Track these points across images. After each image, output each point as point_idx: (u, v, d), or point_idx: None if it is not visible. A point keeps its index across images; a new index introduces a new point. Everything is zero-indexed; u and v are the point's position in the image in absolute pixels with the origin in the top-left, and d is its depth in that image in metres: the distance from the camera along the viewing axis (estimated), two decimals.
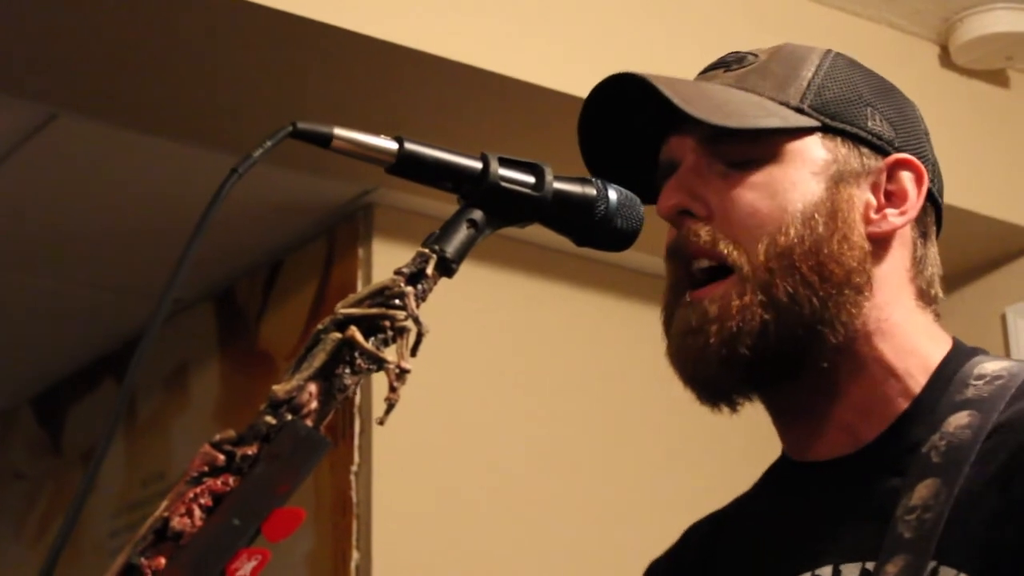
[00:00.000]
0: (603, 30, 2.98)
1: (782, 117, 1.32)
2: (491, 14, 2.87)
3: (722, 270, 1.30)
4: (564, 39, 2.93)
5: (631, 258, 3.67)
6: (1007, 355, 3.52)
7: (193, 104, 2.94)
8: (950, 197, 3.62)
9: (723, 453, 3.61)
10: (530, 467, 3.40)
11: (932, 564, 1.18)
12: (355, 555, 3.19)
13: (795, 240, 1.28)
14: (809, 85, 1.34)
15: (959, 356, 1.33)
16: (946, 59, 3.50)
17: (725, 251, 1.29)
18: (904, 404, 1.30)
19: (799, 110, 1.33)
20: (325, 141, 1.11)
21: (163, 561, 0.97)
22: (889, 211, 1.34)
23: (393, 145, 1.14)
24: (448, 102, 2.93)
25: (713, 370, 1.28)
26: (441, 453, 3.30)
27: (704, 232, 1.30)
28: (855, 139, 1.34)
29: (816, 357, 1.29)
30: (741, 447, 3.61)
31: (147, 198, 3.41)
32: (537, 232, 1.26)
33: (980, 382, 1.27)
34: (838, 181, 1.32)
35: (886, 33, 3.43)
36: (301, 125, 1.09)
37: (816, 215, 1.29)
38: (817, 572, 1.28)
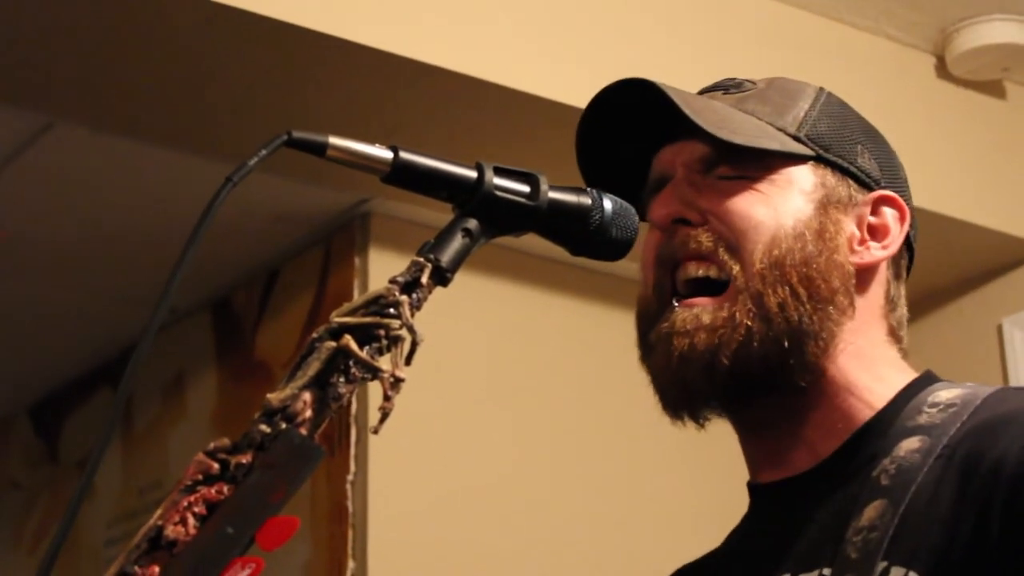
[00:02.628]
0: (599, 40, 2.98)
1: (781, 142, 1.35)
2: (487, 24, 2.87)
3: (711, 284, 1.33)
4: (559, 49, 2.93)
5: (626, 268, 3.67)
6: (1003, 366, 3.52)
7: (189, 113, 2.94)
8: (947, 207, 3.64)
9: (718, 460, 3.60)
10: (526, 476, 3.40)
11: (883, 565, 1.20)
12: (351, 564, 3.19)
13: (787, 252, 1.31)
14: (806, 116, 1.38)
15: (922, 383, 1.35)
16: (943, 70, 3.50)
17: (723, 257, 1.31)
18: (861, 422, 1.33)
19: (796, 138, 1.36)
20: (320, 150, 1.10)
21: (157, 570, 0.97)
22: (872, 244, 1.37)
23: (388, 154, 1.14)
24: (443, 111, 2.93)
25: (694, 373, 1.30)
26: (436, 462, 3.30)
27: (704, 238, 1.33)
28: (844, 172, 1.38)
29: (796, 372, 1.31)
30: (736, 454, 3.60)
31: (143, 207, 3.41)
32: (532, 241, 1.26)
33: (933, 409, 1.30)
34: (826, 206, 1.35)
35: (883, 44, 3.43)
36: (296, 134, 1.09)
37: (806, 232, 1.33)
38: None
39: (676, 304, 1.33)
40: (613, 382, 3.55)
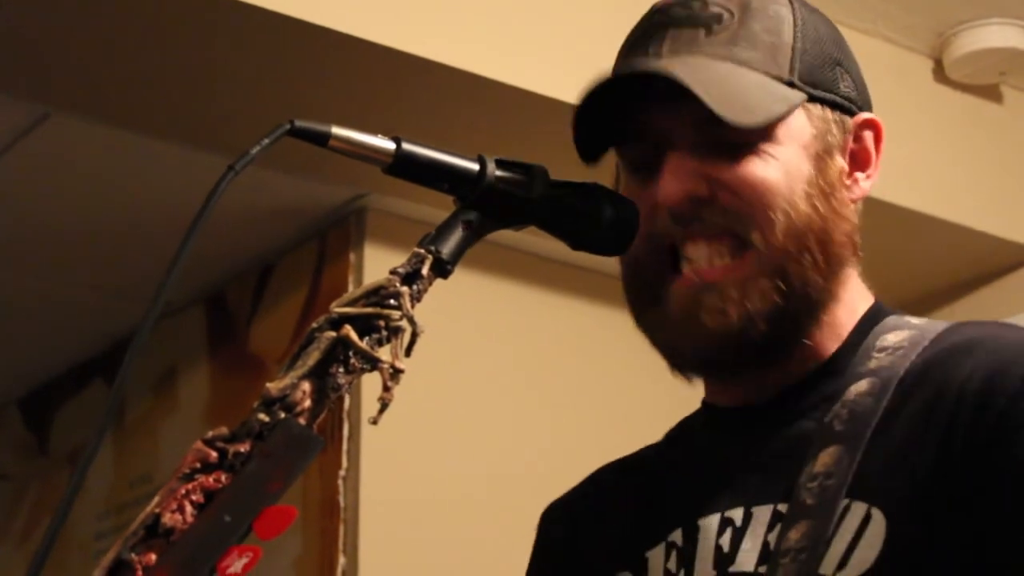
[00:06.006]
0: (598, 37, 2.98)
1: (785, 99, 1.29)
2: (487, 20, 2.87)
3: (727, 239, 1.28)
4: (559, 46, 2.93)
5: None
6: None
7: (187, 105, 2.93)
8: (943, 211, 3.64)
9: None
10: (520, 473, 3.40)
11: (845, 502, 1.20)
12: (342, 559, 3.18)
13: (805, 220, 1.28)
14: (794, 52, 1.31)
15: (871, 319, 1.33)
16: (940, 74, 3.50)
17: (739, 229, 1.27)
18: (822, 358, 1.32)
19: (791, 83, 1.30)
20: (323, 140, 1.10)
21: (153, 557, 0.97)
22: (858, 175, 1.34)
23: (391, 145, 1.13)
24: (444, 106, 2.93)
25: (730, 351, 1.28)
26: (429, 458, 3.29)
27: (718, 215, 1.27)
28: (832, 105, 1.33)
29: (806, 333, 1.30)
30: None
31: (139, 199, 3.40)
32: (530, 239, 1.25)
33: (882, 354, 1.28)
34: (824, 155, 1.31)
35: (880, 47, 3.43)
36: (299, 123, 1.08)
37: (814, 195, 1.29)
38: (727, 514, 1.28)
39: (703, 281, 1.28)
40: (608, 381, 3.55)
